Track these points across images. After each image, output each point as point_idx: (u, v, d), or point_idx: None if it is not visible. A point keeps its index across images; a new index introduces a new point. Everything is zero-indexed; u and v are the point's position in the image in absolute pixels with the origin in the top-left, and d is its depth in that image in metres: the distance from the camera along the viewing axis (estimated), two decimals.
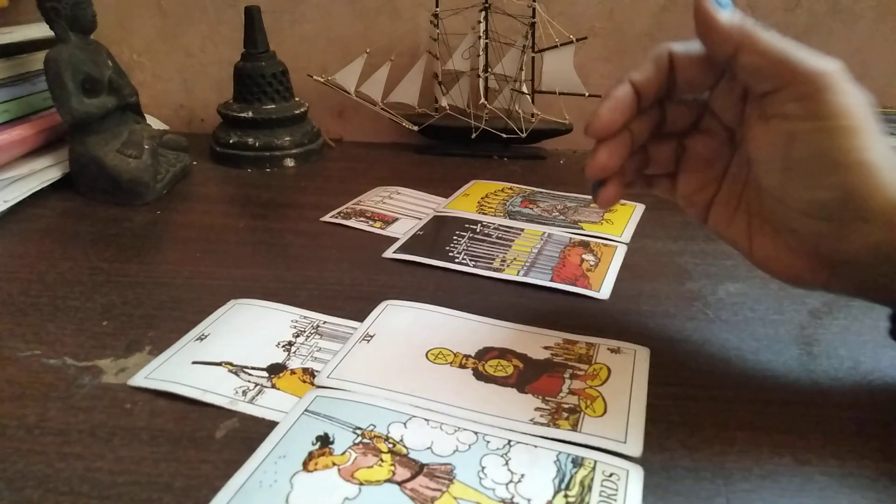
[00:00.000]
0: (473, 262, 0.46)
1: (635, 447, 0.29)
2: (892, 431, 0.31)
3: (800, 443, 0.30)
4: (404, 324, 0.38)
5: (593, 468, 0.27)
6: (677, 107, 0.35)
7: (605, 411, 0.31)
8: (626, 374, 0.34)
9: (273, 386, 0.32)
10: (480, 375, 0.33)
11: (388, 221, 0.53)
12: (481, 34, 0.66)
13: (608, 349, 0.36)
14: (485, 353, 0.35)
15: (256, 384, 0.32)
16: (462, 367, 0.34)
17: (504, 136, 0.68)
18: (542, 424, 0.30)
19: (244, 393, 0.32)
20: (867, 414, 0.32)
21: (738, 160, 0.35)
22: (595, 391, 0.32)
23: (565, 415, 0.30)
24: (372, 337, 0.36)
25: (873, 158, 0.28)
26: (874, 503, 0.27)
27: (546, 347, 0.36)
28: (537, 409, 0.31)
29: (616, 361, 0.35)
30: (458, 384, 0.33)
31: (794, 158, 0.29)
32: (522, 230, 0.51)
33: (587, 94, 0.67)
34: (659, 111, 0.35)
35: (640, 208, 0.56)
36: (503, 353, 0.35)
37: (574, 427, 0.30)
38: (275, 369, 0.33)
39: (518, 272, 0.44)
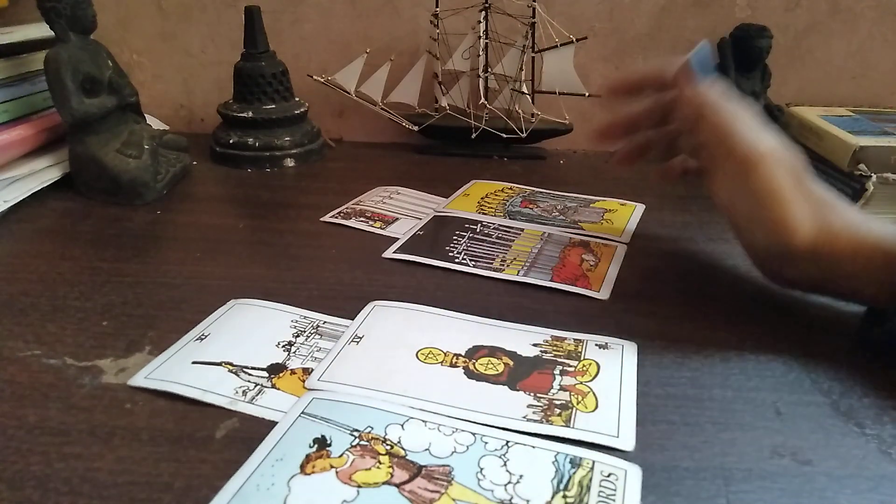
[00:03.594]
0: (473, 262, 0.46)
1: (628, 441, 0.29)
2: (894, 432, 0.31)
3: (800, 443, 0.30)
4: (393, 324, 0.38)
5: (591, 468, 0.27)
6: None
7: (596, 406, 0.31)
8: (615, 369, 0.34)
9: (273, 386, 0.32)
10: (471, 374, 0.33)
11: (388, 221, 0.53)
12: (481, 34, 0.66)
13: (596, 345, 0.36)
14: (475, 352, 0.35)
15: (256, 384, 0.32)
16: (453, 366, 0.34)
17: (504, 136, 0.68)
18: (535, 421, 0.30)
19: (244, 393, 0.32)
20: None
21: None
22: (586, 387, 0.32)
23: (557, 411, 0.31)
24: (361, 338, 0.36)
25: (796, 213, 0.36)
26: None
27: (535, 344, 0.36)
28: (529, 405, 0.31)
29: (604, 357, 0.35)
30: (449, 383, 0.33)
31: (738, 211, 0.39)
32: (522, 230, 0.51)
33: (587, 94, 0.67)
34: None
35: (640, 208, 0.56)
36: (493, 352, 0.35)
37: (567, 423, 0.30)
38: (275, 369, 0.33)
39: (518, 272, 0.44)
